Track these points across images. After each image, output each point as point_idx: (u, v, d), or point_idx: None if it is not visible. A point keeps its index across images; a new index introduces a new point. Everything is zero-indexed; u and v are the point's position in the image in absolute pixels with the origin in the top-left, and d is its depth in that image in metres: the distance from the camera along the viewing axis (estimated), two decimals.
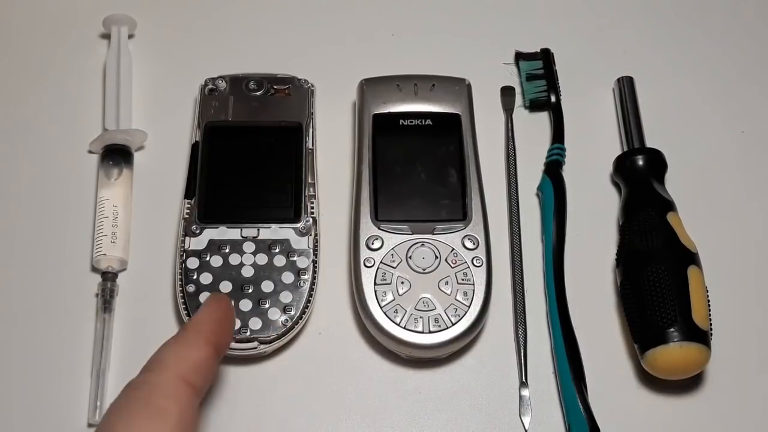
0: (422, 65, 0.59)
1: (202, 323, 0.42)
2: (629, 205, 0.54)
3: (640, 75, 0.61)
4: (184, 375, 0.39)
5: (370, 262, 0.51)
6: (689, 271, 0.50)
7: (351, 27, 0.64)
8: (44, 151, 0.58)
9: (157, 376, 0.39)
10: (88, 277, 0.53)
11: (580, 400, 0.49)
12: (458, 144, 0.55)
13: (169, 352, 0.41)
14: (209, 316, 0.43)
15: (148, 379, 0.39)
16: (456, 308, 0.50)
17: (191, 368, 0.40)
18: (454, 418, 0.50)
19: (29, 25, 0.63)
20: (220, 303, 0.44)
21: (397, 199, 0.53)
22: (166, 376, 0.39)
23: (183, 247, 0.51)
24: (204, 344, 0.41)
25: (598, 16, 0.65)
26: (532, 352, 0.51)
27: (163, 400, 0.38)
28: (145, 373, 0.40)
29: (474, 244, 0.52)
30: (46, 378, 0.50)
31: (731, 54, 0.64)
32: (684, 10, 0.65)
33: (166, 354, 0.41)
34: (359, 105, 0.57)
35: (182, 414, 0.38)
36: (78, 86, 0.61)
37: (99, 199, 0.55)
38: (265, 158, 0.55)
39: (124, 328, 0.52)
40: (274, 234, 0.52)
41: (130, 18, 0.61)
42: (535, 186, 0.57)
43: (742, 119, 0.61)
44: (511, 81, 0.61)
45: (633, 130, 0.58)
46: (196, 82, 0.58)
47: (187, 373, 0.40)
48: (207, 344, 0.41)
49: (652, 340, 0.49)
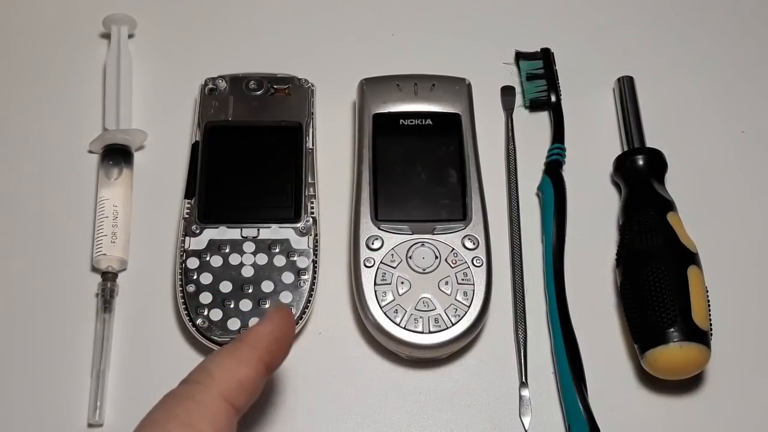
0: (422, 65, 0.59)
1: (260, 339, 0.41)
2: (629, 205, 0.54)
3: (640, 75, 0.61)
4: (228, 394, 0.38)
5: (370, 262, 0.51)
6: (689, 271, 0.50)
7: (351, 27, 0.64)
8: (44, 151, 0.58)
9: (200, 393, 0.38)
10: (88, 277, 0.53)
11: (580, 400, 0.49)
12: (458, 144, 0.55)
13: (219, 364, 0.39)
14: (270, 333, 0.41)
15: (190, 393, 0.38)
16: (456, 308, 0.50)
17: (236, 387, 0.39)
18: (454, 418, 0.50)
19: (29, 25, 0.63)
20: (283, 319, 0.42)
21: (397, 199, 0.53)
22: (210, 395, 0.38)
23: (183, 247, 0.51)
24: (256, 362, 0.40)
25: (598, 16, 0.65)
26: (532, 352, 0.51)
27: (201, 422, 0.37)
28: (189, 384, 0.39)
29: (474, 244, 0.52)
30: (46, 378, 0.50)
31: (731, 54, 0.64)
32: (684, 10, 0.66)
33: (216, 366, 0.39)
34: (359, 105, 0.57)
35: None
36: (78, 86, 0.61)
37: (99, 199, 0.55)
38: (265, 158, 0.55)
39: (124, 328, 0.52)
40: (274, 234, 0.52)
41: (130, 18, 0.61)
42: (535, 186, 0.57)
43: (742, 119, 0.61)
44: (511, 81, 0.61)
45: (633, 130, 0.58)
46: (196, 82, 0.58)
47: (232, 391, 0.39)
48: (259, 362, 0.40)
49: (652, 340, 0.49)
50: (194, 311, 0.50)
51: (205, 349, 0.51)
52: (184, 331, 0.52)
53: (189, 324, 0.50)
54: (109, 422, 0.49)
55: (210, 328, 0.49)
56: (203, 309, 0.50)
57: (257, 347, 0.40)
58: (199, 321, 0.50)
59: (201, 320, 0.50)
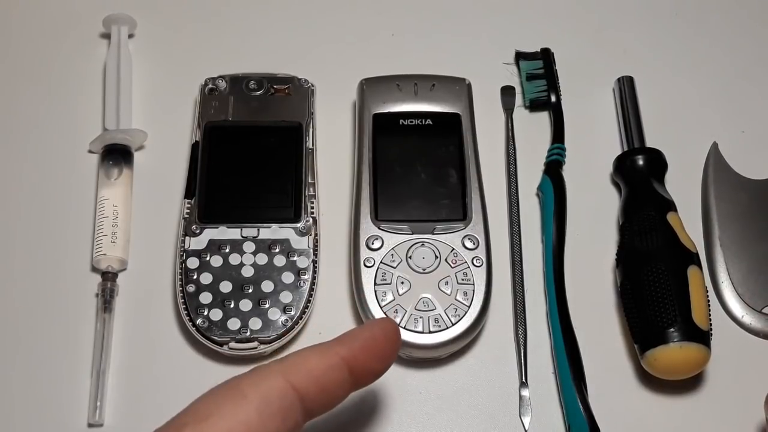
0: (422, 65, 0.59)
1: (347, 337, 0.40)
2: (629, 205, 0.54)
3: (640, 75, 0.61)
4: (292, 376, 0.38)
5: (370, 262, 0.51)
6: (689, 271, 0.50)
7: (351, 27, 0.64)
8: (44, 151, 0.58)
9: (261, 367, 0.38)
10: (88, 277, 0.53)
11: (580, 400, 0.49)
12: (458, 144, 0.55)
13: (295, 352, 0.40)
14: (361, 335, 0.41)
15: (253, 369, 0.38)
16: (456, 308, 0.50)
17: (304, 372, 0.38)
18: (454, 418, 0.50)
19: (29, 25, 0.63)
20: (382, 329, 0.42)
21: (397, 199, 0.53)
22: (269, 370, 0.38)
23: (183, 247, 0.51)
24: (333, 355, 0.39)
25: (598, 16, 0.65)
26: (532, 352, 0.51)
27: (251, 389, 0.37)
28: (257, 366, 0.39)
29: (474, 244, 0.52)
30: (46, 378, 0.50)
31: (731, 54, 0.64)
32: (684, 10, 0.66)
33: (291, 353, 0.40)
34: (359, 105, 0.57)
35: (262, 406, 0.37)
36: (78, 86, 0.61)
37: (99, 198, 0.55)
38: (265, 158, 0.55)
39: (124, 328, 0.52)
40: (274, 234, 0.52)
41: (130, 18, 0.61)
42: (535, 186, 0.57)
43: (742, 119, 0.61)
44: (511, 81, 0.61)
45: (633, 130, 0.58)
46: (196, 82, 0.58)
47: (297, 375, 0.38)
48: (336, 356, 0.39)
49: (652, 340, 0.49)
50: (194, 311, 0.50)
51: (205, 349, 0.51)
52: (184, 331, 0.52)
53: (189, 324, 0.50)
54: (109, 422, 0.49)
55: (210, 328, 0.49)
56: (203, 309, 0.50)
57: (342, 344, 0.40)
58: (199, 321, 0.50)
59: (201, 320, 0.50)
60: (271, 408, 0.37)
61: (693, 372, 0.49)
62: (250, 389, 0.37)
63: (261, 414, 0.37)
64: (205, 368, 0.51)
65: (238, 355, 0.50)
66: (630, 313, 0.50)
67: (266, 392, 0.37)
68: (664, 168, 0.56)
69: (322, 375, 0.39)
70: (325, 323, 0.52)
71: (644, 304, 0.49)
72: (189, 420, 0.36)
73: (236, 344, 0.49)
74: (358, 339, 0.41)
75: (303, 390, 0.38)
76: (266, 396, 0.37)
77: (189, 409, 0.37)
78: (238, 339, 0.49)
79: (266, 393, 0.37)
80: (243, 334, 0.49)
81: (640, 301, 0.50)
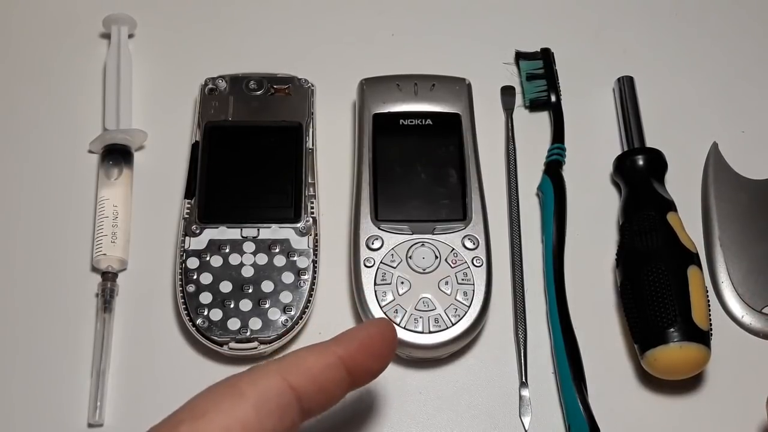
0: (422, 65, 0.59)
1: (344, 337, 0.41)
2: (629, 205, 0.54)
3: (640, 75, 0.61)
4: (289, 375, 0.38)
5: (370, 262, 0.51)
6: (689, 271, 0.50)
7: (351, 27, 0.64)
8: (44, 151, 0.58)
9: (257, 366, 0.38)
10: (88, 277, 0.53)
11: (580, 400, 0.49)
12: (458, 144, 0.55)
13: (292, 352, 0.40)
14: (358, 335, 0.41)
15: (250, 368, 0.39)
16: (456, 308, 0.50)
17: (302, 371, 0.39)
18: (454, 418, 0.50)
19: (29, 25, 0.63)
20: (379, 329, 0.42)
21: (397, 199, 0.53)
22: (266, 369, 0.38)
23: (183, 247, 0.51)
24: (329, 354, 0.40)
25: (598, 16, 0.65)
26: (532, 352, 0.51)
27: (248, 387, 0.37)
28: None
29: (474, 244, 0.52)
30: (46, 378, 0.50)
31: (731, 54, 0.64)
32: (684, 10, 0.66)
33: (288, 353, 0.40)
34: (359, 105, 0.57)
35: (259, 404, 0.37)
36: (78, 86, 0.61)
37: (99, 198, 0.55)
38: (265, 158, 0.55)
39: (124, 328, 0.52)
40: (274, 234, 0.52)
41: (130, 18, 0.61)
42: (535, 186, 0.57)
43: (742, 119, 0.61)
44: (511, 81, 0.61)
45: (633, 130, 0.58)
46: (196, 82, 0.58)
47: (294, 374, 0.38)
48: (333, 355, 0.40)
49: (652, 340, 0.49)
50: (194, 311, 0.50)
51: (205, 349, 0.51)
52: (184, 331, 0.52)
53: (189, 324, 0.50)
54: (109, 422, 0.49)
55: (210, 328, 0.49)
56: (203, 309, 0.50)
57: (339, 343, 0.40)
58: (199, 321, 0.50)
59: (201, 320, 0.50)
60: (269, 406, 0.37)
61: (693, 372, 0.49)
62: (247, 387, 0.37)
63: (258, 412, 0.37)
64: (205, 368, 0.51)
65: (238, 355, 0.50)
66: (630, 313, 0.50)
67: (264, 390, 0.37)
68: (664, 168, 0.56)
69: (320, 374, 0.39)
70: (325, 323, 0.52)
71: (644, 304, 0.49)
72: (186, 417, 0.36)
73: (236, 344, 0.49)
74: (356, 338, 0.41)
75: (300, 389, 0.38)
76: (264, 394, 0.37)
77: (186, 406, 0.37)
78: (238, 339, 0.49)
79: (264, 391, 0.37)
80: (243, 334, 0.49)
81: (640, 301, 0.50)
